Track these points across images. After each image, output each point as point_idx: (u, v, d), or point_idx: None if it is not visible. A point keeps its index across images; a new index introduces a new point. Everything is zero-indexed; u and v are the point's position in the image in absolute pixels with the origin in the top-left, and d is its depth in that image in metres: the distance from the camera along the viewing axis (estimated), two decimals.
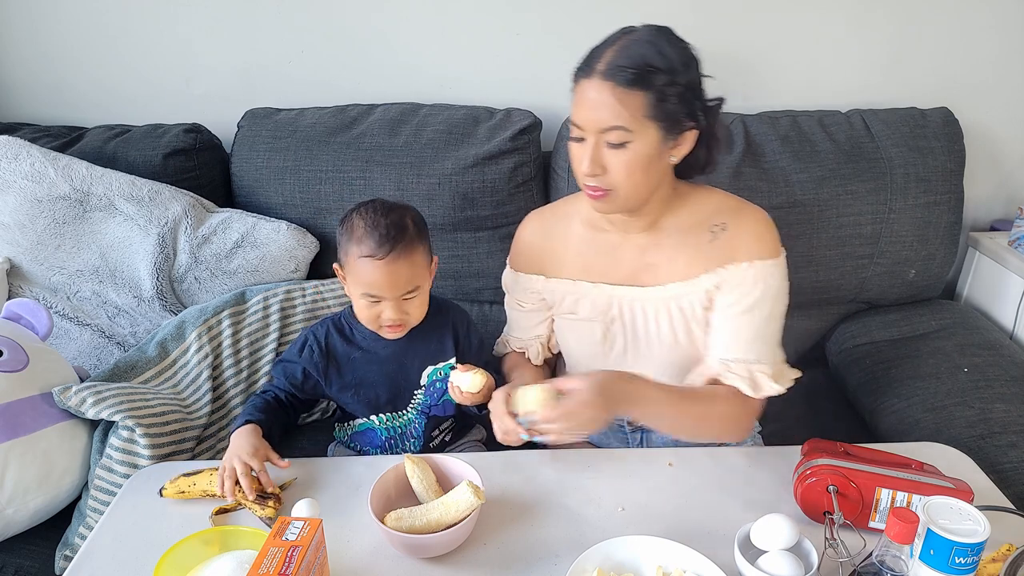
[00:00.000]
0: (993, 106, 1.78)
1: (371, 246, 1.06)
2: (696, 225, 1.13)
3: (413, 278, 1.09)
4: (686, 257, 1.13)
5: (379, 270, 1.06)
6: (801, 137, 1.63)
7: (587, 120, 1.01)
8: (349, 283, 1.12)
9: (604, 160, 1.02)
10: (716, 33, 1.71)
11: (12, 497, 1.11)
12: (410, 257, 1.08)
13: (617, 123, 0.99)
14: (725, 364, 1.11)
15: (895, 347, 1.60)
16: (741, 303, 1.09)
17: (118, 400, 1.18)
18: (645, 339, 1.18)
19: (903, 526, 0.73)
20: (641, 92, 0.98)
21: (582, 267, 1.19)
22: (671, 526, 0.96)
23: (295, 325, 1.47)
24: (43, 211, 1.47)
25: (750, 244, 1.10)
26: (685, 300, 1.13)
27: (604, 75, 0.99)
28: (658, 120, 1.00)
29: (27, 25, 1.74)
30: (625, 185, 1.03)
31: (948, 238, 1.65)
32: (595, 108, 1.00)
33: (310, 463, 1.11)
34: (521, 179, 1.60)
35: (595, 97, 0.99)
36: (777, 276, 1.11)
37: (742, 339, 1.10)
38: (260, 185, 1.64)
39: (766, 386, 1.10)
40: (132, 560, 0.92)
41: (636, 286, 1.16)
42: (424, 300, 1.14)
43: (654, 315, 1.16)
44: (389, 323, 1.11)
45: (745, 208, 1.14)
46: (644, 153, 1.01)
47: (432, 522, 0.92)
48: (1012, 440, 1.26)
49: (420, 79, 1.77)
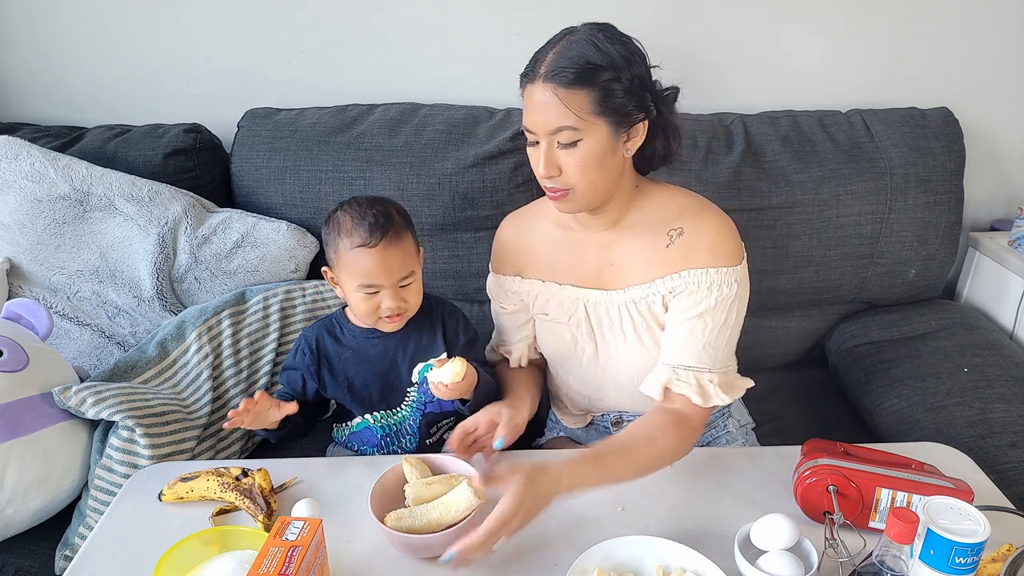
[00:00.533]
0: (993, 106, 1.78)
1: (363, 235, 1.07)
2: (658, 225, 1.11)
3: (407, 263, 1.11)
4: (644, 259, 1.12)
5: (373, 257, 1.07)
6: (801, 137, 1.63)
7: (536, 123, 1.02)
8: (343, 279, 1.12)
9: (558, 161, 1.03)
10: (716, 33, 1.71)
11: (12, 497, 1.11)
12: (401, 243, 1.10)
13: (564, 123, 0.99)
14: (674, 371, 1.08)
15: (895, 347, 1.60)
16: (693, 309, 1.07)
17: (118, 400, 1.18)
18: (613, 342, 1.17)
19: (903, 526, 0.73)
20: (584, 90, 0.99)
21: (551, 267, 1.19)
22: (671, 526, 0.96)
23: (295, 325, 1.47)
24: (43, 211, 1.47)
25: (707, 251, 1.08)
26: (644, 304, 1.13)
27: (546, 77, 1.00)
28: (605, 116, 1.00)
29: (27, 25, 1.74)
30: (582, 183, 1.03)
31: (948, 238, 1.65)
32: (542, 111, 1.00)
33: (310, 463, 1.11)
34: (521, 179, 1.60)
35: (540, 99, 1.00)
36: (733, 284, 1.08)
37: (692, 346, 1.07)
38: (260, 185, 1.64)
39: (714, 396, 1.07)
40: (132, 560, 0.92)
41: (599, 289, 1.16)
42: (419, 287, 1.15)
43: (618, 318, 1.15)
44: (388, 313, 1.11)
45: (706, 212, 1.12)
46: (596, 149, 1.02)
47: (432, 522, 0.91)
48: (1012, 440, 1.26)
49: (420, 79, 1.77)
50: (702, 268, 1.08)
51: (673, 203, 1.13)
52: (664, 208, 1.12)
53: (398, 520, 0.92)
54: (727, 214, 1.13)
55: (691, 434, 1.08)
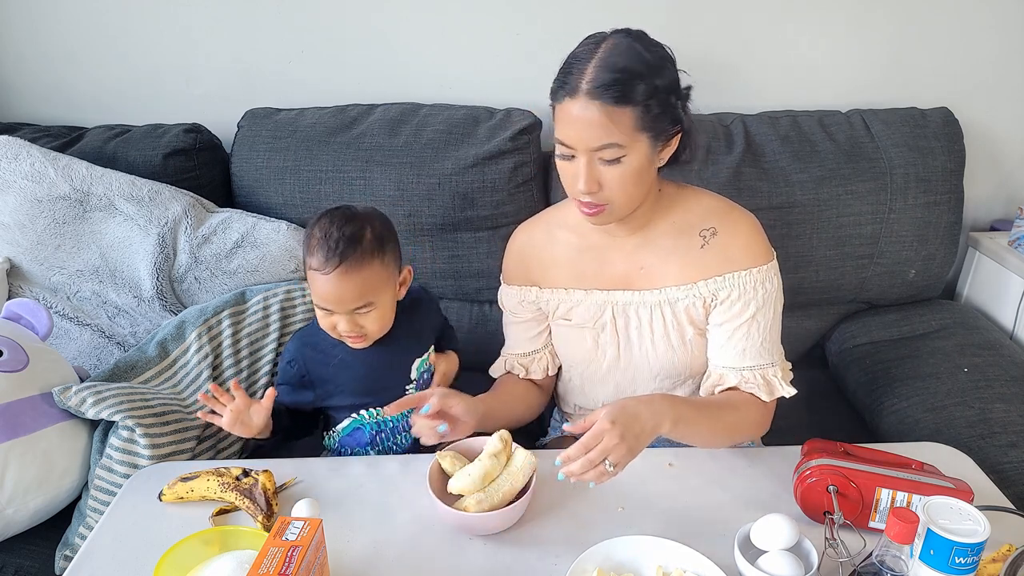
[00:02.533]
0: (993, 106, 1.78)
1: (319, 259, 1.03)
2: (687, 227, 1.13)
3: (364, 294, 1.06)
4: (679, 261, 1.13)
5: (326, 284, 1.04)
6: (801, 137, 1.63)
7: (578, 139, 0.99)
8: (311, 290, 1.11)
9: (599, 177, 1.01)
10: (717, 33, 1.71)
11: (12, 497, 1.11)
12: (359, 272, 1.04)
13: (610, 141, 0.97)
14: (740, 373, 1.12)
15: (895, 347, 1.60)
16: (745, 313, 1.10)
17: (118, 400, 1.18)
18: (638, 344, 1.17)
19: (903, 526, 0.73)
20: (630, 107, 0.96)
21: (573, 275, 1.19)
22: (671, 526, 0.96)
23: (295, 325, 1.47)
24: (43, 211, 1.47)
25: (744, 251, 1.10)
26: (680, 305, 1.13)
27: (590, 94, 0.96)
28: (647, 131, 0.99)
29: (27, 25, 1.74)
30: (621, 198, 1.03)
31: (948, 238, 1.65)
32: (585, 128, 0.97)
33: (310, 463, 1.11)
34: (521, 179, 1.60)
35: (584, 116, 0.97)
36: (774, 279, 1.12)
37: (753, 347, 1.11)
38: (260, 185, 1.64)
39: (779, 388, 1.13)
40: (132, 560, 0.92)
41: (629, 290, 1.16)
42: (383, 314, 1.10)
43: (648, 319, 1.15)
44: (344, 335, 1.10)
45: (734, 212, 1.14)
46: (637, 165, 1.01)
47: (507, 493, 0.96)
48: (1012, 440, 1.26)
49: (420, 79, 1.77)
50: (744, 269, 1.09)
51: (699, 204, 1.14)
52: (691, 209, 1.13)
53: (479, 504, 0.94)
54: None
55: (767, 417, 1.14)
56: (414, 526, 0.98)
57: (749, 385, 1.12)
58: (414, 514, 1.00)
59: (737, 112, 1.70)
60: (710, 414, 1.08)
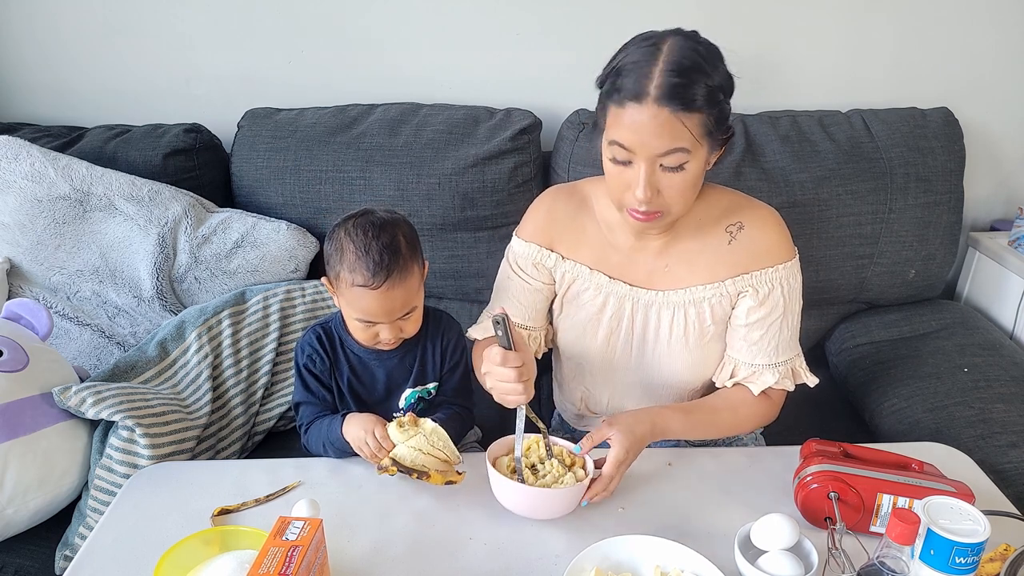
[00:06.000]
0: (993, 106, 1.78)
1: (364, 276, 1.01)
2: (711, 223, 1.12)
3: (408, 300, 1.06)
4: (706, 260, 1.12)
5: (374, 300, 1.02)
6: (801, 137, 1.63)
7: (643, 146, 0.96)
8: (342, 304, 1.09)
9: (658, 184, 0.99)
10: (717, 33, 1.70)
11: (12, 497, 1.11)
12: (404, 282, 1.04)
13: (677, 146, 0.95)
14: (777, 369, 1.14)
15: (895, 347, 1.60)
16: (776, 311, 1.12)
17: (118, 400, 1.18)
18: (655, 344, 1.17)
19: (904, 527, 0.73)
20: (701, 114, 0.94)
21: (598, 258, 1.16)
22: (671, 526, 0.96)
23: (295, 325, 1.47)
24: (43, 211, 1.47)
25: (773, 246, 1.11)
26: (706, 304, 1.13)
27: (660, 101, 0.93)
28: (710, 136, 0.98)
29: (27, 25, 1.74)
30: (679, 205, 1.02)
31: (948, 238, 1.65)
32: (653, 134, 0.94)
33: (310, 463, 1.11)
34: (521, 179, 1.60)
35: (651, 122, 0.94)
36: (797, 275, 1.15)
37: (785, 341, 1.14)
38: (260, 185, 1.64)
39: (804, 376, 1.18)
40: (132, 560, 0.92)
41: (653, 289, 1.15)
42: (419, 315, 1.11)
43: (669, 320, 1.15)
44: (387, 343, 1.10)
45: (757, 208, 1.13)
46: (697, 171, 0.99)
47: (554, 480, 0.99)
48: (1012, 440, 1.26)
49: (420, 79, 1.77)
50: (771, 267, 1.10)
51: (721, 200, 1.14)
52: (714, 206, 1.13)
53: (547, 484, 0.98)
54: None
55: (774, 408, 1.17)
56: (414, 526, 0.98)
57: (784, 380, 1.14)
58: (414, 514, 1.00)
59: (737, 112, 1.70)
60: (706, 425, 1.12)
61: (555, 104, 1.72)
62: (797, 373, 1.17)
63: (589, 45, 1.08)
